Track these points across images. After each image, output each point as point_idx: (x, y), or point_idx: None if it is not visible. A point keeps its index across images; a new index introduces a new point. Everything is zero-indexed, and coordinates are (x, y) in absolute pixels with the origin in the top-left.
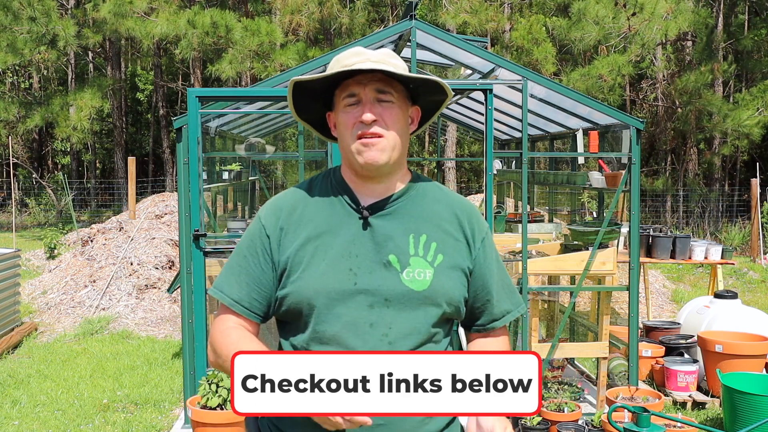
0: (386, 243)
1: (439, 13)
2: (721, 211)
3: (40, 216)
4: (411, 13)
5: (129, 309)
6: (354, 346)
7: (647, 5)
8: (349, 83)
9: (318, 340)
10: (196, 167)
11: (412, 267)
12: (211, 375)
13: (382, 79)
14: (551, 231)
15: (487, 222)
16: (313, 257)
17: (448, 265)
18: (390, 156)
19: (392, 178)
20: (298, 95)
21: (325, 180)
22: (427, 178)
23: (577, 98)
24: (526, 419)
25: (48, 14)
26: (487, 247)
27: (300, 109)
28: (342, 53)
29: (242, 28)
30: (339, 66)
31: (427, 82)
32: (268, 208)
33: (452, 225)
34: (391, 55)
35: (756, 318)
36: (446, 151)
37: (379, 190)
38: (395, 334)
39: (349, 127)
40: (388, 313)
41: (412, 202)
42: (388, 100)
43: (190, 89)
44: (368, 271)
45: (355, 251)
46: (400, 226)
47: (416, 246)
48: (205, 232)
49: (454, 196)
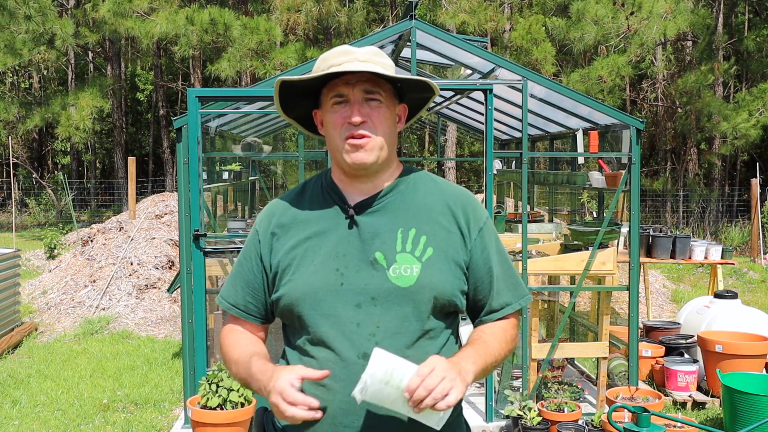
0: (373, 241)
1: (438, 12)
2: (721, 211)
3: (40, 216)
4: (411, 13)
5: (129, 309)
6: (341, 347)
7: (645, 4)
8: (336, 83)
9: (311, 342)
10: (196, 167)
11: (399, 263)
12: (211, 375)
13: (370, 79)
14: (551, 231)
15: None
16: (303, 259)
17: (438, 259)
18: (378, 156)
19: (381, 176)
20: (285, 93)
21: (317, 182)
22: (419, 171)
23: (577, 98)
24: (526, 419)
25: (44, 13)
26: (486, 238)
27: (287, 106)
28: (329, 52)
29: (241, 25)
30: (326, 65)
31: (414, 82)
32: (263, 212)
33: (444, 217)
34: (378, 54)
35: (756, 318)
36: (446, 151)
37: (367, 188)
38: (382, 333)
39: (337, 127)
40: (376, 311)
41: (402, 196)
42: (376, 99)
43: (190, 89)
44: (355, 270)
45: (342, 251)
46: (387, 222)
47: (404, 241)
48: (205, 232)
49: (448, 186)
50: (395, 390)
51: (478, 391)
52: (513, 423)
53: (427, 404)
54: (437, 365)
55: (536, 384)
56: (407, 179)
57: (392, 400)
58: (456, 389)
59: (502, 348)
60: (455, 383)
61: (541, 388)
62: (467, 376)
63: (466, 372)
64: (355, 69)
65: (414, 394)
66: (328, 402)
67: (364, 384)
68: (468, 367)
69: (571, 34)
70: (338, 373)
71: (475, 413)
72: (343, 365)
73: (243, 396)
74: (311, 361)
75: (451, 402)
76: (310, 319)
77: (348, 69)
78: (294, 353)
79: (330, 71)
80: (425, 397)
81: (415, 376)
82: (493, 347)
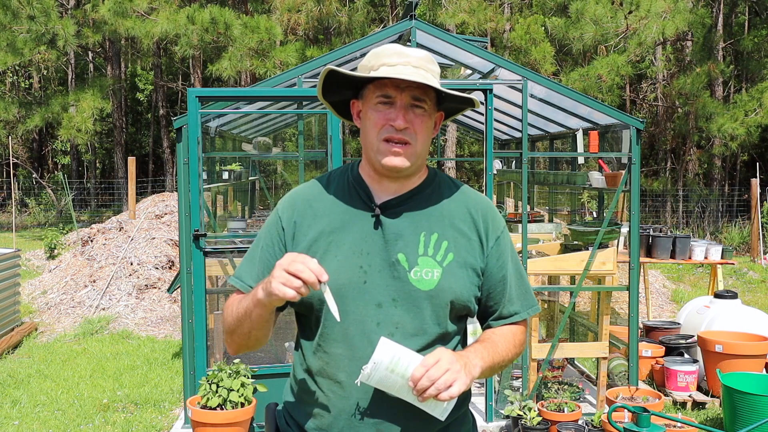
0: (396, 241)
1: (438, 12)
2: (721, 211)
3: (40, 216)
4: (411, 12)
5: (129, 309)
6: (359, 344)
7: (644, 3)
8: (385, 82)
9: (327, 336)
10: (196, 167)
11: (420, 266)
12: (211, 375)
13: (419, 87)
14: (551, 231)
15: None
16: (326, 253)
17: (458, 264)
18: (414, 162)
19: (410, 178)
20: (328, 79)
21: (343, 175)
22: (443, 174)
23: (577, 98)
24: (526, 419)
25: (47, 13)
26: (502, 246)
27: (327, 92)
28: (381, 49)
29: (241, 25)
30: (378, 62)
31: (461, 98)
32: (286, 200)
33: (465, 223)
34: (430, 61)
35: (756, 318)
36: (446, 151)
37: (395, 188)
38: (401, 333)
39: (378, 126)
40: (396, 312)
41: (426, 200)
42: (422, 107)
43: (190, 89)
44: (378, 270)
45: (366, 249)
46: (411, 224)
47: (426, 245)
48: (205, 232)
49: (471, 193)
50: (400, 378)
51: (478, 391)
52: (513, 423)
53: (430, 394)
54: (442, 357)
55: (536, 384)
56: (433, 183)
57: (398, 388)
58: (459, 381)
59: (509, 350)
60: (459, 375)
61: (541, 388)
62: (474, 369)
63: (472, 365)
64: (409, 77)
65: (418, 384)
66: (342, 398)
67: (369, 369)
68: (475, 361)
69: (570, 33)
70: (354, 370)
71: (475, 413)
72: (359, 363)
73: (243, 396)
74: (325, 356)
75: (454, 393)
76: (330, 314)
77: (403, 76)
78: (309, 345)
79: (383, 74)
80: (429, 387)
81: (420, 365)
82: (502, 348)
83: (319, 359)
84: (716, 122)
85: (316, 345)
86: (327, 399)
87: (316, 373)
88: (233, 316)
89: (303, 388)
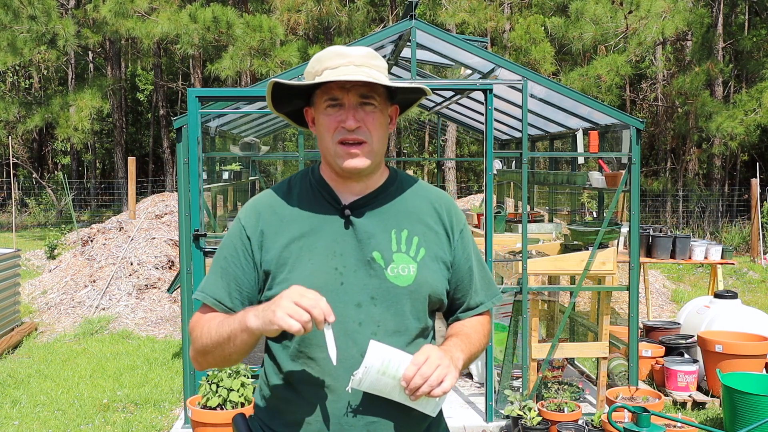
0: (369, 240)
1: (438, 12)
2: (721, 211)
3: (40, 216)
4: (411, 12)
5: (129, 309)
6: (344, 346)
7: (643, 3)
8: (331, 86)
9: (309, 341)
10: (196, 167)
11: (396, 263)
12: (211, 375)
13: (366, 84)
14: (551, 231)
15: (487, 221)
16: (299, 258)
17: (430, 259)
18: (372, 160)
19: (372, 177)
20: (278, 91)
21: (304, 179)
22: (404, 173)
23: (577, 98)
24: (526, 419)
25: (48, 13)
26: (466, 238)
27: (279, 103)
28: (323, 53)
29: (243, 23)
30: (320, 67)
31: (409, 89)
32: (248, 209)
33: (432, 218)
34: (373, 56)
35: (756, 318)
36: (446, 151)
37: (359, 189)
38: (383, 331)
39: (331, 130)
40: (376, 311)
41: (391, 197)
42: (371, 104)
43: (190, 89)
44: (353, 270)
45: (339, 250)
46: (381, 222)
47: (398, 242)
48: (205, 232)
49: (431, 189)
50: (392, 379)
51: (478, 391)
52: (513, 423)
53: (423, 392)
54: (431, 354)
55: (536, 384)
56: (395, 181)
57: (389, 390)
58: (450, 376)
59: (481, 341)
60: (449, 370)
61: (541, 388)
62: (458, 363)
63: (456, 359)
64: (352, 77)
65: (410, 383)
66: (331, 401)
67: (360, 375)
68: (457, 355)
69: (569, 33)
70: (341, 372)
71: (475, 413)
72: (345, 364)
73: (243, 396)
74: (309, 361)
75: (447, 388)
76: None
77: (345, 77)
78: (283, 350)
79: (325, 78)
80: (422, 385)
81: (411, 365)
82: (475, 339)
83: (301, 365)
84: (715, 121)
85: (296, 351)
86: (312, 406)
87: (298, 381)
88: (209, 337)
89: (280, 396)
